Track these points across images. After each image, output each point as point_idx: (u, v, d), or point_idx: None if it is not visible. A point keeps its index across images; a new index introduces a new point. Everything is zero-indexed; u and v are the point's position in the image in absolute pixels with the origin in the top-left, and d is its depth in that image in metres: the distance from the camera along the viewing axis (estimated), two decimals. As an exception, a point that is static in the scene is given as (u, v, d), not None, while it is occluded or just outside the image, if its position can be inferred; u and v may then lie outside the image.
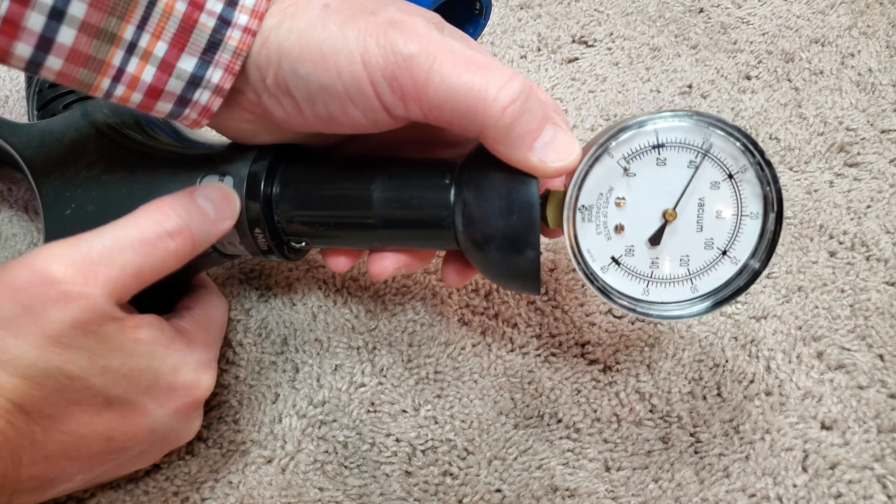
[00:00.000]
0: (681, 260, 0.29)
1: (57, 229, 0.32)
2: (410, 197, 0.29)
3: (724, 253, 0.28)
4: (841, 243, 0.42)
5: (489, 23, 0.50)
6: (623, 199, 0.28)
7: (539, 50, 0.50)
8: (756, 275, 0.28)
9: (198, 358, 0.32)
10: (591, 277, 0.29)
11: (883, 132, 0.46)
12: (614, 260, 0.29)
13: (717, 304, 0.29)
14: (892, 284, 0.41)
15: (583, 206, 0.28)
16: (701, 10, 0.51)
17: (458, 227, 0.29)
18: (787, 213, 0.43)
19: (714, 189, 0.28)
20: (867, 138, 0.45)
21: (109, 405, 0.29)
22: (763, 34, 0.50)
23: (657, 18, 0.51)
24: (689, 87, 0.48)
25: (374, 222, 0.30)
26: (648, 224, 0.28)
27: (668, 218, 0.28)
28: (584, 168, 0.27)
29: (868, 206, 0.43)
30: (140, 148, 0.33)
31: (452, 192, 0.29)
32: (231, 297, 0.40)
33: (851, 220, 0.43)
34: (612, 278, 0.29)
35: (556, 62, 0.49)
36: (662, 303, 0.29)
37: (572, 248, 0.28)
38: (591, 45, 0.50)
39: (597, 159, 0.27)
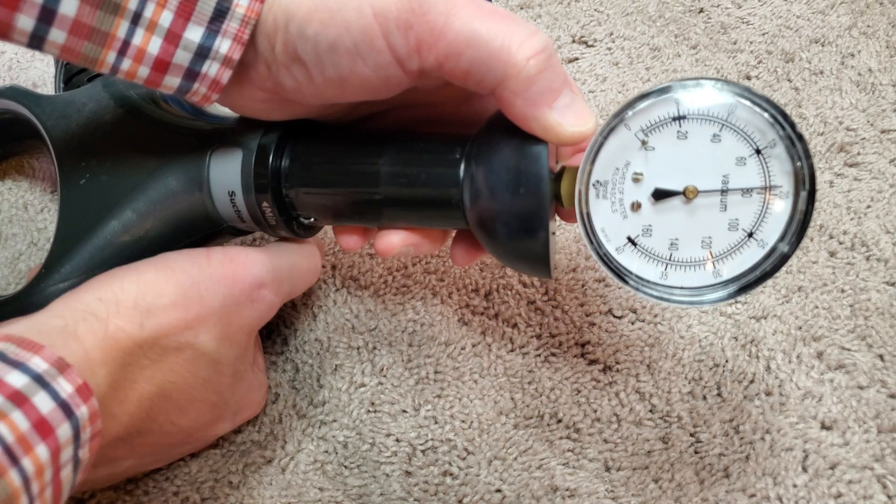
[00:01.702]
0: (702, 242, 0.26)
1: (71, 198, 0.32)
2: (418, 172, 0.28)
3: (751, 235, 0.26)
4: (841, 243, 0.42)
5: (489, 23, 0.50)
6: (640, 174, 0.26)
7: (539, 50, 0.50)
8: (785, 259, 0.26)
9: (266, 380, 0.35)
10: (605, 259, 0.27)
11: (883, 132, 0.46)
12: (630, 240, 0.27)
13: (742, 290, 0.26)
14: (893, 284, 0.41)
15: (597, 181, 0.26)
16: (701, 10, 0.51)
17: (466, 204, 0.28)
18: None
19: (740, 165, 0.25)
20: (867, 138, 0.45)
21: (215, 406, 0.31)
22: (763, 34, 0.50)
23: (657, 18, 0.51)
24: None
25: (381, 198, 0.29)
26: (667, 202, 0.26)
27: (689, 195, 0.26)
28: (598, 139, 0.25)
29: (868, 206, 0.43)
30: (155, 119, 0.33)
31: (462, 167, 0.28)
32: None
33: (851, 220, 0.43)
34: (628, 260, 0.27)
35: (556, 62, 0.49)
36: (682, 287, 0.27)
37: (585, 226, 0.26)
38: (591, 45, 0.50)
39: (612, 130, 0.25)
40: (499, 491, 0.36)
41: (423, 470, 0.36)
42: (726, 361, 0.39)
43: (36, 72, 0.48)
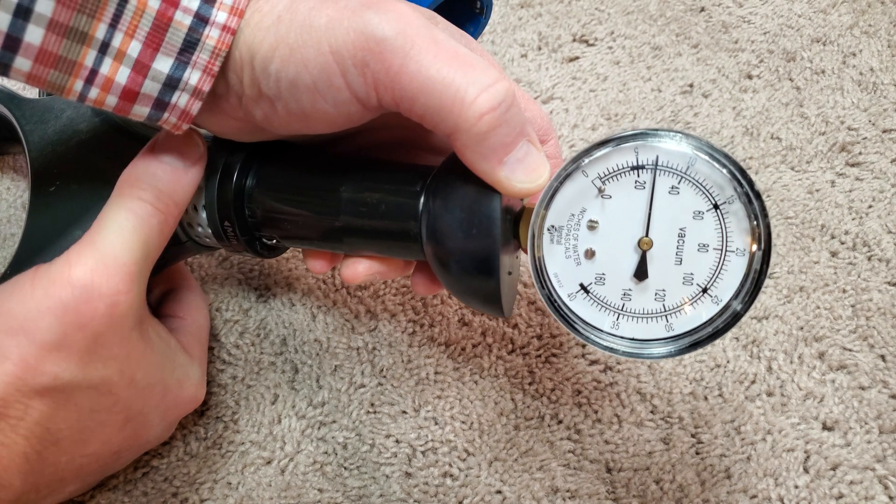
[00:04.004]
0: (656, 294, 0.26)
1: (40, 205, 0.32)
2: (378, 202, 0.28)
3: (705, 291, 0.26)
4: (843, 243, 0.42)
5: (490, 22, 0.50)
6: (596, 222, 0.26)
7: (540, 49, 0.49)
8: (737, 318, 0.26)
9: (198, 373, 0.33)
10: (556, 305, 0.26)
11: (884, 132, 0.45)
12: (583, 287, 0.26)
13: (693, 346, 0.26)
14: (894, 285, 0.40)
15: (552, 226, 0.26)
16: (702, 9, 0.51)
17: (424, 239, 0.27)
18: (788, 212, 0.43)
19: (697, 219, 0.25)
20: (869, 138, 0.45)
21: (128, 422, 0.30)
22: (764, 33, 0.49)
23: (658, 17, 0.50)
24: (691, 86, 0.47)
25: (342, 226, 0.29)
26: (622, 252, 0.26)
27: (643, 247, 0.26)
28: (553, 185, 0.25)
29: (870, 206, 0.43)
30: (129, 131, 0.32)
31: (422, 200, 0.27)
32: (230, 297, 0.40)
33: (853, 219, 0.42)
34: (580, 307, 0.26)
35: (557, 61, 0.49)
36: (633, 339, 0.26)
37: (537, 269, 0.26)
38: (592, 44, 0.49)
39: (568, 176, 0.25)
40: (499, 492, 0.35)
41: (423, 471, 0.36)
42: (727, 362, 0.38)
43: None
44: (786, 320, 0.39)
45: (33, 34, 0.22)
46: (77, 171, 0.32)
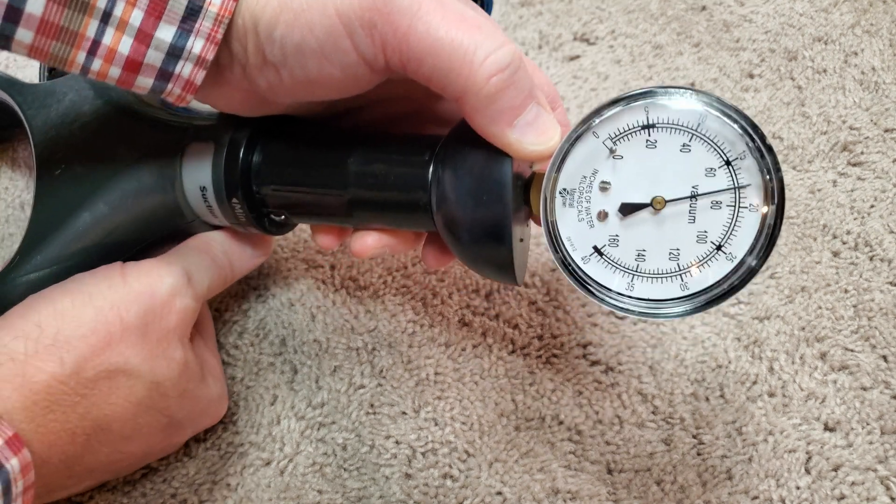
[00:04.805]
0: (670, 253, 0.26)
1: (46, 189, 0.32)
2: (387, 173, 0.28)
3: (719, 248, 0.26)
4: (844, 243, 0.42)
5: (490, 20, 0.50)
6: (608, 183, 0.25)
7: (540, 47, 0.49)
8: (753, 273, 0.25)
9: (225, 387, 0.35)
10: (571, 268, 0.26)
11: (886, 131, 0.45)
12: (597, 250, 0.26)
13: (709, 304, 0.26)
14: (896, 285, 0.40)
15: (564, 189, 0.26)
16: (703, 8, 0.50)
17: (434, 208, 0.27)
18: (790, 212, 0.43)
19: (709, 176, 0.25)
20: (871, 137, 0.45)
21: (169, 427, 0.31)
22: (766, 32, 0.49)
23: (659, 16, 0.50)
24: (692, 85, 0.47)
25: (350, 198, 0.28)
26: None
27: (655, 206, 0.25)
28: (564, 147, 0.25)
29: (872, 206, 0.43)
30: (133, 111, 0.32)
31: (431, 170, 0.27)
32: (229, 296, 0.40)
33: (855, 219, 0.42)
34: (594, 270, 0.26)
35: (558, 60, 0.49)
36: (648, 300, 0.26)
37: (550, 234, 0.26)
38: (593, 43, 0.49)
39: (579, 138, 0.25)
40: (500, 493, 0.35)
41: (423, 472, 0.36)
42: (729, 362, 0.38)
43: (32, 70, 0.48)
44: (787, 321, 0.39)
45: (34, 4, 0.22)
46: (81, 154, 0.32)
